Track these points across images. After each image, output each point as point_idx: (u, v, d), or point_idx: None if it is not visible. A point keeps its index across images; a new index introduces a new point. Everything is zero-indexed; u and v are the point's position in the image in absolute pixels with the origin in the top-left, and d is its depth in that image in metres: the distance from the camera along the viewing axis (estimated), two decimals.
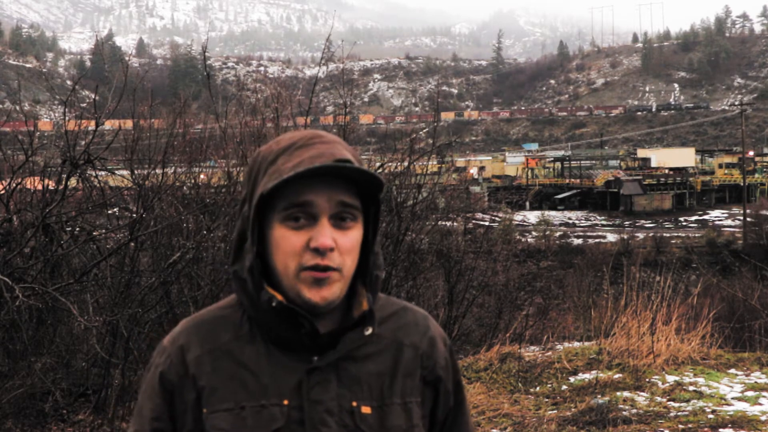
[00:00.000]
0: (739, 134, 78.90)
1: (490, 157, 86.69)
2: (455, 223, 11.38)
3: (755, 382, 7.09)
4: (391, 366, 1.35)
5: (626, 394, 6.65)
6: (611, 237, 46.83)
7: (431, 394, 1.40)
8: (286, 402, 1.28)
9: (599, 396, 6.57)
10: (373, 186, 1.32)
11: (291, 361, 1.30)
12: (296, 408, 1.28)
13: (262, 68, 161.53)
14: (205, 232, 6.38)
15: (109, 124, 6.85)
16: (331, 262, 1.27)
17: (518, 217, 45.50)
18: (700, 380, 7.08)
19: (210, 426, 1.29)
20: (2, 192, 5.99)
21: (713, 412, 6.16)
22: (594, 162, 77.75)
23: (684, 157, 75.66)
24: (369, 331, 1.33)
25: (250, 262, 1.30)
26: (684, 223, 55.62)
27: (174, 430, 1.34)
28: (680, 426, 5.81)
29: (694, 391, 6.75)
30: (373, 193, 1.34)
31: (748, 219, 46.43)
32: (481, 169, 74.14)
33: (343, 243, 1.29)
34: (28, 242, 5.65)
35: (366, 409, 1.31)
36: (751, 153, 78.38)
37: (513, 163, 79.35)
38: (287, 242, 1.28)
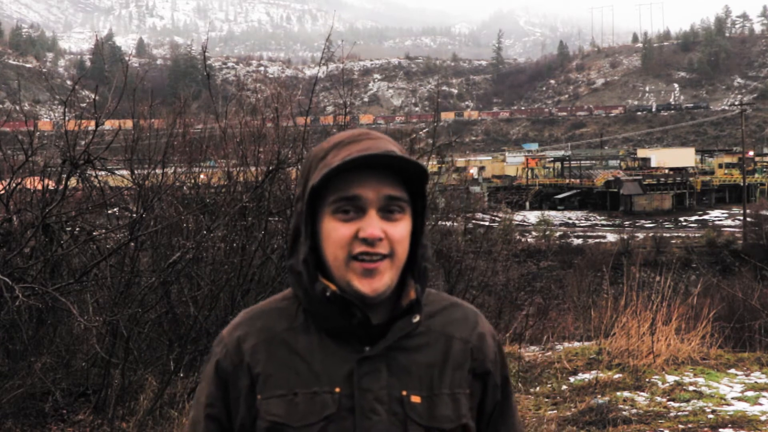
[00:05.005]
0: (739, 134, 78.89)
1: (490, 157, 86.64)
2: (455, 223, 11.39)
3: (755, 382, 7.09)
4: (440, 358, 1.39)
5: (626, 394, 6.65)
6: (611, 237, 46.80)
7: (480, 387, 1.44)
8: (337, 390, 1.32)
9: (599, 396, 6.57)
10: (418, 177, 1.36)
11: (343, 351, 1.34)
12: (347, 396, 1.32)
13: (262, 68, 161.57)
14: (205, 232, 6.38)
15: (109, 124, 6.84)
16: (382, 249, 1.31)
17: (518, 217, 45.45)
18: (700, 380, 7.08)
19: (264, 411, 1.33)
20: (2, 192, 5.99)
21: (713, 412, 6.16)
22: (594, 162, 77.75)
23: (684, 157, 75.63)
24: (416, 318, 1.36)
25: (304, 254, 1.35)
26: (684, 223, 55.60)
27: (228, 416, 1.39)
28: (680, 426, 5.81)
29: (694, 391, 6.75)
30: (419, 187, 1.38)
31: (748, 219, 46.42)
32: (481, 169, 74.11)
33: (393, 233, 1.33)
34: (28, 242, 5.65)
35: (415, 399, 1.34)
36: (751, 153, 78.34)
37: (513, 163, 79.30)
38: (337, 233, 1.32)
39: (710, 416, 6.04)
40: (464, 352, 1.41)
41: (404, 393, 1.33)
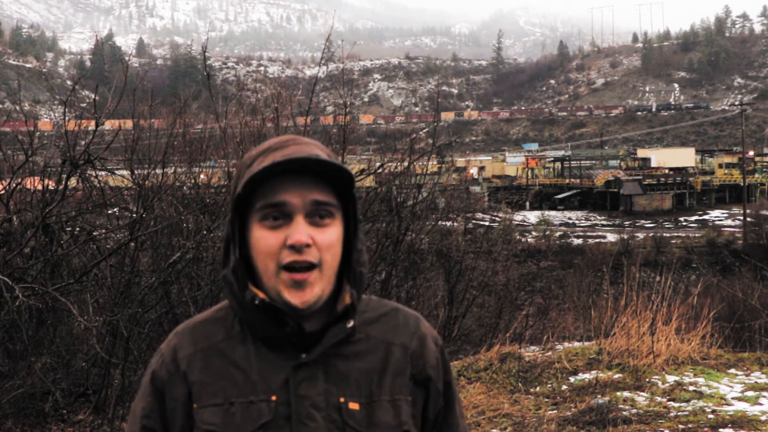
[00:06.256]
0: (739, 134, 78.88)
1: (490, 157, 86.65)
2: (455, 223, 11.39)
3: (755, 382, 7.09)
4: (380, 364, 1.37)
5: (626, 394, 6.65)
6: (611, 237, 46.79)
7: (422, 394, 1.41)
8: (273, 398, 1.31)
9: (599, 396, 6.57)
10: (343, 180, 1.33)
11: (279, 359, 1.33)
12: (284, 403, 1.31)
13: (262, 68, 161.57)
14: (205, 232, 6.38)
15: (109, 124, 6.85)
16: (310, 257, 1.29)
17: (518, 217, 45.43)
18: (700, 380, 7.08)
19: (200, 420, 1.32)
20: (2, 192, 5.99)
21: (713, 412, 6.15)
22: (594, 162, 77.77)
23: (684, 157, 75.62)
24: (350, 323, 1.34)
25: (233, 263, 1.34)
26: (684, 223, 55.60)
27: (164, 428, 1.37)
28: (680, 426, 5.81)
29: (694, 391, 6.74)
30: (348, 190, 1.35)
31: (748, 219, 46.42)
32: (481, 169, 74.11)
33: (321, 239, 1.31)
34: (28, 242, 5.65)
35: (354, 405, 1.32)
36: (751, 153, 78.35)
37: (513, 163, 79.29)
38: (265, 242, 1.31)
39: (710, 416, 6.04)
40: (404, 358, 1.39)
41: (342, 399, 1.32)
